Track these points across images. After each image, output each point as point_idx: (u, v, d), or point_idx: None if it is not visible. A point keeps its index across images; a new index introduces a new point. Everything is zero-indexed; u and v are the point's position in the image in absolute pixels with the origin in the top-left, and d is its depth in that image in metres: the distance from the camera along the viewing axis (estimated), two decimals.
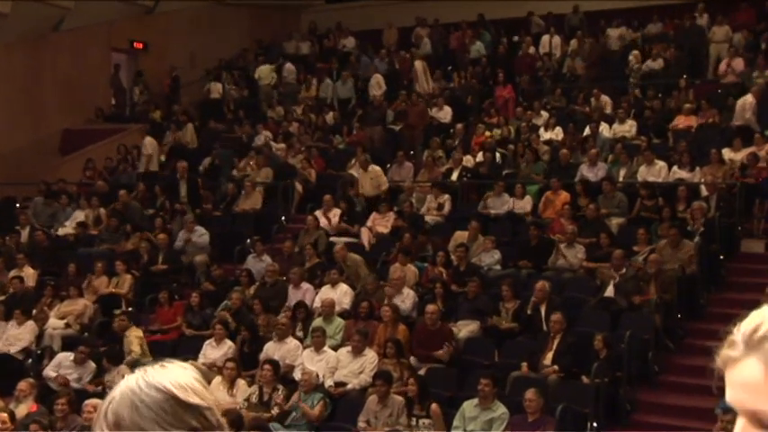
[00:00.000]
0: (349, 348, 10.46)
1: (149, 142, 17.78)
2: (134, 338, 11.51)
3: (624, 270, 11.08)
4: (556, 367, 9.67)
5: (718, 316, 11.47)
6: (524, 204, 13.84)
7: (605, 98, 17.51)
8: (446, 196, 14.42)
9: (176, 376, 1.39)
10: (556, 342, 9.88)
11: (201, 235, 14.29)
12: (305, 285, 12.30)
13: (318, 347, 10.60)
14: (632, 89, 18.40)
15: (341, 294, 11.93)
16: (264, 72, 21.26)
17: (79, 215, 15.65)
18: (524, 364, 9.79)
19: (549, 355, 9.82)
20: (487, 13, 22.08)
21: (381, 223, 14.03)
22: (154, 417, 1.34)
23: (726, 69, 17.47)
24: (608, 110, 17.15)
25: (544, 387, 9.10)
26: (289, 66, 21.39)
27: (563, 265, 11.97)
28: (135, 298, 13.17)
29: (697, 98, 16.84)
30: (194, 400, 1.38)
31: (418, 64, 19.73)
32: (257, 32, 24.36)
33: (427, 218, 14.06)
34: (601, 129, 15.95)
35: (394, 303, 11.16)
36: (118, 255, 14.07)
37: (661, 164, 13.97)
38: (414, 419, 9.14)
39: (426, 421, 9.08)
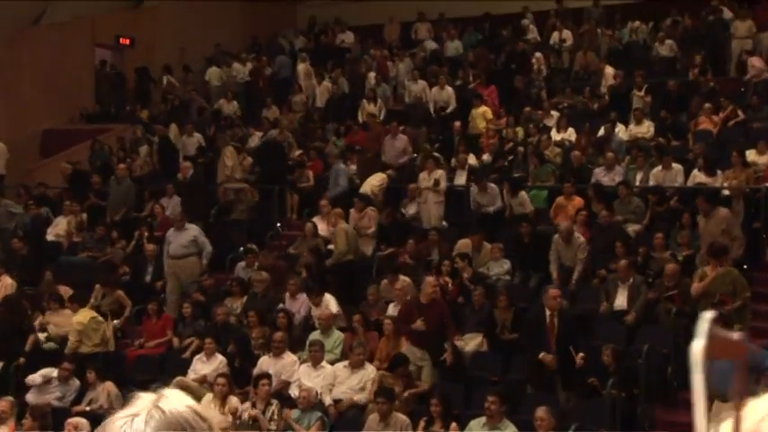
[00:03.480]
0: (346, 363, 10.43)
1: None
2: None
3: (631, 280, 11.04)
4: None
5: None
6: (521, 202, 13.73)
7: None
8: (440, 172, 14.24)
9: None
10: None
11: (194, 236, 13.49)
12: (301, 296, 12.24)
13: (316, 362, 10.57)
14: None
15: (325, 304, 11.83)
16: (214, 74, 21.35)
17: (61, 221, 15.63)
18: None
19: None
20: (493, 8, 22.07)
21: (363, 224, 13.92)
22: None
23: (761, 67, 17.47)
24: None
25: (556, 405, 9.08)
26: (237, 65, 21.45)
27: (564, 263, 11.93)
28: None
29: (719, 97, 16.80)
30: None
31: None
32: (251, 28, 24.33)
33: (425, 198, 13.97)
34: (617, 130, 15.94)
35: (396, 315, 11.10)
36: (100, 264, 14.01)
37: (677, 167, 13.95)
38: None
39: None
